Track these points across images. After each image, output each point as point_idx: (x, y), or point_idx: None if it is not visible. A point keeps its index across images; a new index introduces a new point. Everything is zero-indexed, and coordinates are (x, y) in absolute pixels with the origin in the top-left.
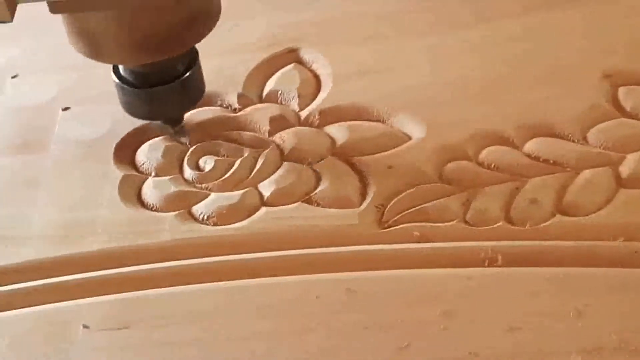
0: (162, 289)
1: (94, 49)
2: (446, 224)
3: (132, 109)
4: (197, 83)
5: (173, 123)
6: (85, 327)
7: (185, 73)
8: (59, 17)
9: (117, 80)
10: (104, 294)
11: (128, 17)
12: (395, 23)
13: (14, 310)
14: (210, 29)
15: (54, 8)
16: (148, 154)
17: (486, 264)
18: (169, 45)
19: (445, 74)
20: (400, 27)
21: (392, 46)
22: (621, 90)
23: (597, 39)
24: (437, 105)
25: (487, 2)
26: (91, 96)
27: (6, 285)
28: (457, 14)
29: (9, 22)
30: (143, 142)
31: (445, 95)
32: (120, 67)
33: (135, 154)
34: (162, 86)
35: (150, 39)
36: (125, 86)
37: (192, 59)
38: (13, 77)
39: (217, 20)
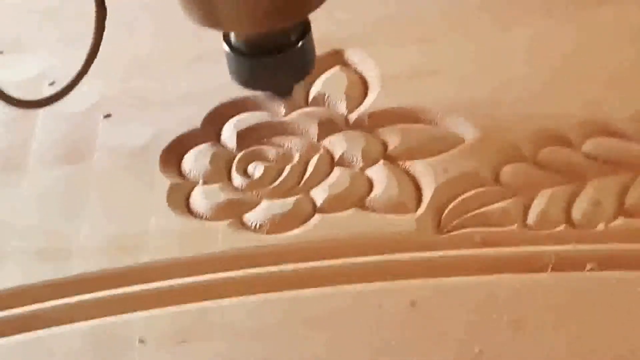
0: (219, 300)
1: (212, 16)
2: (507, 228)
3: (242, 79)
4: (310, 52)
5: (283, 95)
6: (141, 341)
7: (298, 42)
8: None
9: (227, 49)
10: (159, 307)
11: None
12: (443, 23)
13: (65, 326)
14: None
15: None
16: (195, 161)
17: (549, 269)
18: (293, 11)
19: (497, 73)
20: (449, 27)
21: (441, 46)
22: None
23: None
24: (490, 106)
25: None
26: (133, 103)
27: (56, 299)
28: (507, 12)
29: None
30: (189, 149)
31: (498, 94)
32: (232, 35)
33: (181, 161)
34: (275, 55)
35: (273, 4)
36: (237, 55)
37: (305, 28)
38: (50, 84)
39: None
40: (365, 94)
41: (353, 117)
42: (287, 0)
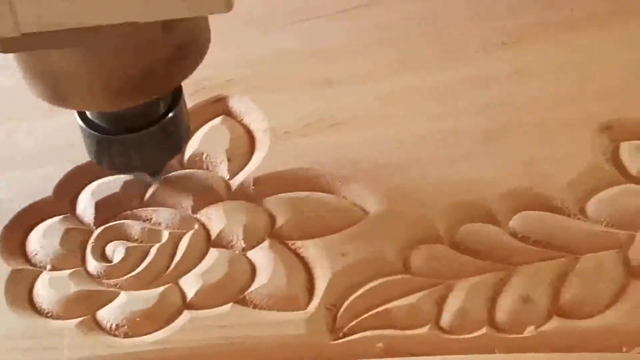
0: None
1: (57, 93)
2: (416, 330)
3: (104, 159)
4: (183, 123)
5: (154, 173)
6: None
7: (168, 113)
8: None
9: (83, 126)
10: None
11: (103, 55)
12: (346, 64)
13: None
14: (200, 60)
15: (5, 47)
16: (42, 240)
17: None
18: (155, 86)
19: (408, 128)
20: (353, 69)
21: (344, 92)
22: (624, 147)
23: (589, 79)
24: (400, 170)
25: (451, 39)
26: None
27: None
28: (422, 52)
29: None
30: (36, 224)
31: (409, 155)
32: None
33: (26, 240)
34: (142, 131)
35: (132, 80)
36: (94, 132)
37: (175, 95)
38: None
39: (206, 51)
40: (251, 153)
41: (236, 182)
42: (145, 76)
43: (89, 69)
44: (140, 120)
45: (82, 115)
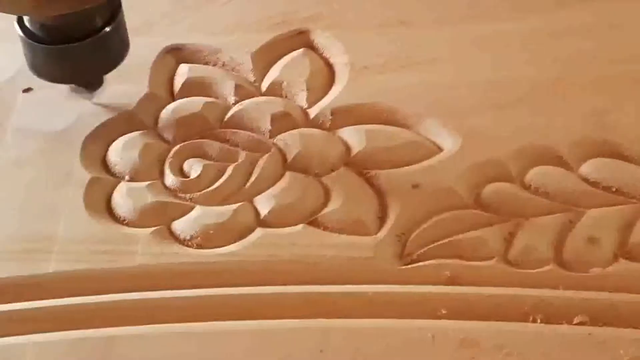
0: (130, 327)
1: None
2: (483, 262)
3: (40, 70)
4: (120, 40)
5: (91, 87)
6: None
7: (105, 27)
8: None
9: (21, 34)
10: (58, 330)
11: None
12: (431, 8)
13: None
14: None
15: None
16: (122, 152)
17: (530, 319)
18: None
19: (486, 73)
20: (435, 13)
21: (425, 36)
22: None
23: None
24: (476, 112)
25: None
26: None
27: None
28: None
29: None
30: (117, 137)
31: (486, 99)
32: (26, 19)
33: (107, 151)
34: (77, 43)
35: None
36: (33, 42)
37: (113, 11)
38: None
39: None
40: (329, 85)
41: (313, 112)
42: None
43: None
44: (77, 33)
45: (22, 26)
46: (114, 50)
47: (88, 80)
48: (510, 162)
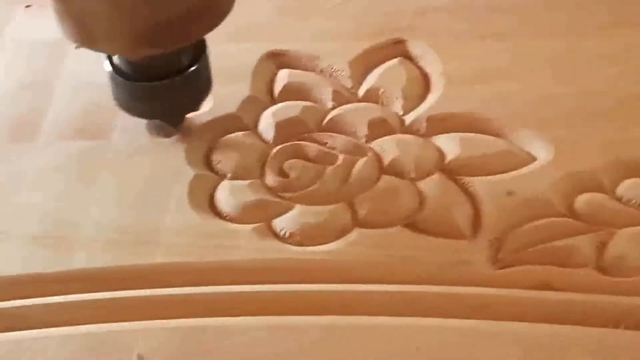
0: (232, 318)
1: (87, 35)
2: (576, 270)
3: (126, 105)
4: (204, 78)
5: (174, 123)
6: (140, 357)
7: (191, 67)
8: None
9: (110, 70)
10: (166, 318)
11: (128, 2)
12: (526, 19)
13: (56, 328)
14: (222, 20)
15: None
16: (225, 151)
17: (623, 327)
18: (176, 36)
19: (582, 83)
20: (533, 24)
21: (519, 47)
22: None
23: None
24: (570, 123)
25: (623, 5)
26: None
27: (49, 297)
28: (596, 15)
29: None
30: (220, 136)
31: (580, 110)
32: (115, 56)
33: (211, 149)
34: (163, 81)
35: (153, 28)
36: (120, 78)
37: (199, 50)
38: (77, 48)
39: (230, 9)
40: (425, 94)
41: (409, 118)
42: (165, 28)
43: (114, 15)
44: (163, 71)
45: (111, 62)
46: (199, 88)
47: (171, 117)
48: (602, 174)
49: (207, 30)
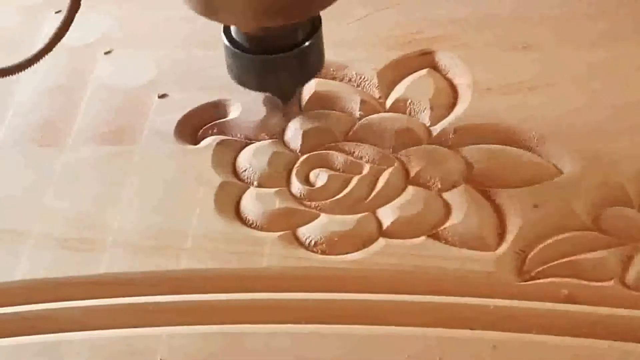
0: (256, 325)
1: (209, 5)
2: (601, 283)
3: (241, 77)
4: (317, 54)
5: (285, 97)
6: None
7: (305, 41)
8: None
9: (227, 44)
10: (189, 324)
11: None
12: (556, 30)
13: (80, 332)
14: None
15: None
16: (252, 159)
17: None
18: (295, 10)
19: (612, 97)
20: (562, 35)
21: (549, 57)
22: None
23: None
24: (597, 135)
25: None
26: (194, 83)
27: (74, 300)
28: (634, 24)
29: None
30: (247, 144)
31: (609, 123)
32: (233, 29)
33: (237, 157)
34: (279, 54)
35: (273, 2)
36: (237, 51)
37: (314, 27)
38: (106, 53)
39: None
40: (453, 105)
41: (436, 129)
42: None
43: None
44: (280, 45)
45: (227, 35)
46: (312, 63)
47: (284, 91)
48: (629, 187)
49: (323, 6)
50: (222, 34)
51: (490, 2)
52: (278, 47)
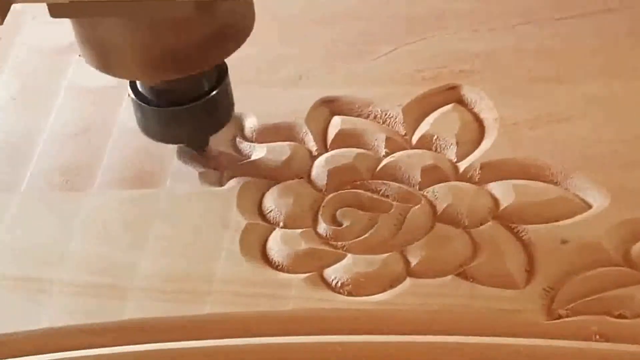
0: None
1: (104, 61)
2: (633, 320)
3: (149, 130)
4: (226, 103)
5: (197, 147)
6: None
7: (212, 91)
8: None
9: (133, 97)
10: None
11: (143, 28)
12: (579, 63)
13: None
14: (239, 45)
15: (54, 11)
16: (277, 199)
17: None
18: (192, 63)
19: (637, 129)
20: (588, 70)
21: (575, 91)
22: None
23: None
24: (627, 168)
25: None
26: None
27: (98, 348)
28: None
29: None
30: (272, 185)
31: (636, 156)
32: (138, 82)
33: (262, 198)
34: (184, 106)
35: (169, 55)
36: (142, 104)
37: (220, 75)
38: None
39: (248, 35)
40: (479, 140)
41: (463, 165)
42: (180, 53)
43: (130, 41)
44: (185, 96)
45: (133, 88)
46: (220, 113)
47: (195, 141)
48: None
49: (225, 55)
50: (128, 87)
51: (516, 35)
52: (183, 99)
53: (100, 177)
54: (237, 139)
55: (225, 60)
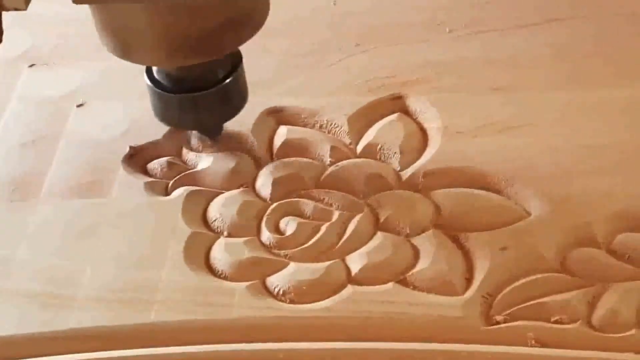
0: None
1: (124, 47)
2: (567, 326)
3: (164, 116)
4: (239, 91)
5: (211, 134)
6: None
7: (226, 79)
8: None
9: (149, 83)
10: None
11: (163, 14)
12: (525, 73)
13: None
14: (253, 33)
15: None
16: (222, 208)
17: None
18: (208, 48)
19: (582, 139)
20: (531, 78)
21: (518, 100)
22: None
23: None
24: (566, 177)
25: (625, 58)
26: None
27: (44, 356)
28: (600, 69)
29: (23, 9)
30: (218, 194)
31: (579, 165)
32: (154, 69)
33: (207, 207)
34: (199, 92)
35: (187, 40)
36: (158, 90)
37: (234, 64)
38: (79, 106)
39: (262, 24)
40: (423, 149)
41: (406, 174)
42: (199, 39)
43: (150, 27)
44: (200, 83)
45: (149, 75)
46: (234, 100)
47: (209, 127)
48: (597, 228)
49: (240, 43)
50: (145, 74)
51: (465, 46)
52: (198, 86)
53: (48, 187)
54: (184, 150)
55: None
